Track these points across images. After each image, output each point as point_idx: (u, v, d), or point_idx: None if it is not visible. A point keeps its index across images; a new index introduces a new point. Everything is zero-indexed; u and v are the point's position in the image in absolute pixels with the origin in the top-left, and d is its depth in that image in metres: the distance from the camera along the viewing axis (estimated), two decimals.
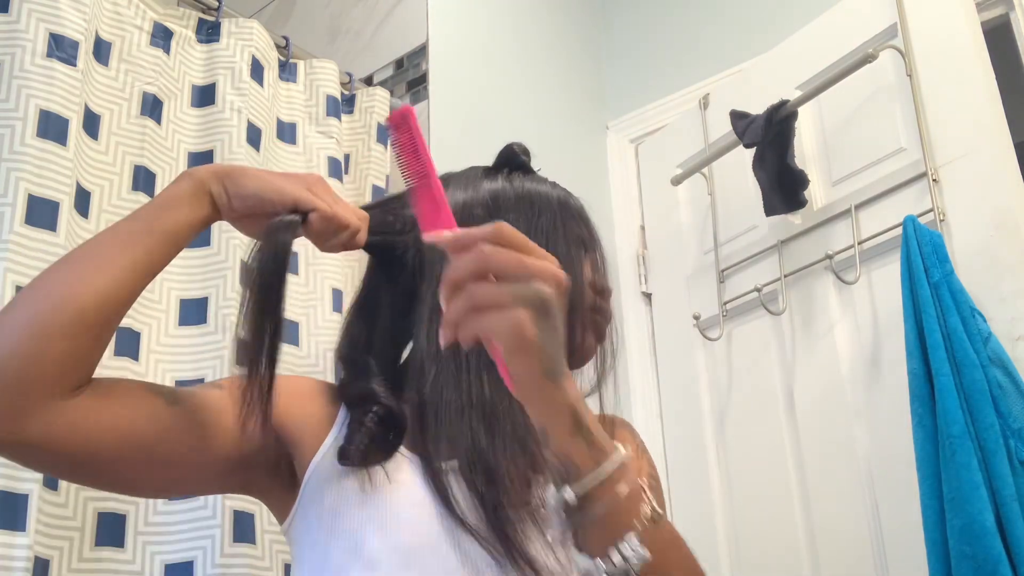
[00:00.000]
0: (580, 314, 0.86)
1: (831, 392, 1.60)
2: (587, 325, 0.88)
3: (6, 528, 0.99)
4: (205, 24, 1.52)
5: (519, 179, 0.91)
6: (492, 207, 0.87)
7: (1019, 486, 1.22)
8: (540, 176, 0.95)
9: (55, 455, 0.71)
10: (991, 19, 1.65)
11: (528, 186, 0.91)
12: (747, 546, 1.69)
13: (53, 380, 0.69)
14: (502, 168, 0.93)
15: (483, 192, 0.89)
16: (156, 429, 0.74)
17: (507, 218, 0.84)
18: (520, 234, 0.63)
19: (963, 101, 1.47)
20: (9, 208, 1.12)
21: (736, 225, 1.85)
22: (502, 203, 0.88)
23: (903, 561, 1.42)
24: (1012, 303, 1.34)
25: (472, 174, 0.92)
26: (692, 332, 1.87)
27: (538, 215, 0.87)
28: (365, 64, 1.87)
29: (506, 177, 0.91)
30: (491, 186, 0.90)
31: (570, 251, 0.87)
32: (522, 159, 0.94)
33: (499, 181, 0.91)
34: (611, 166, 2.19)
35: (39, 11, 1.22)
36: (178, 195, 0.77)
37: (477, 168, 0.94)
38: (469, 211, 0.86)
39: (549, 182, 0.94)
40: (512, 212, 0.87)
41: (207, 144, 1.42)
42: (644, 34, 2.28)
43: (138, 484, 0.80)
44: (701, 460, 1.81)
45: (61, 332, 0.69)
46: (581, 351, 0.88)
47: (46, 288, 0.71)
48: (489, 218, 0.84)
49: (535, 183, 0.92)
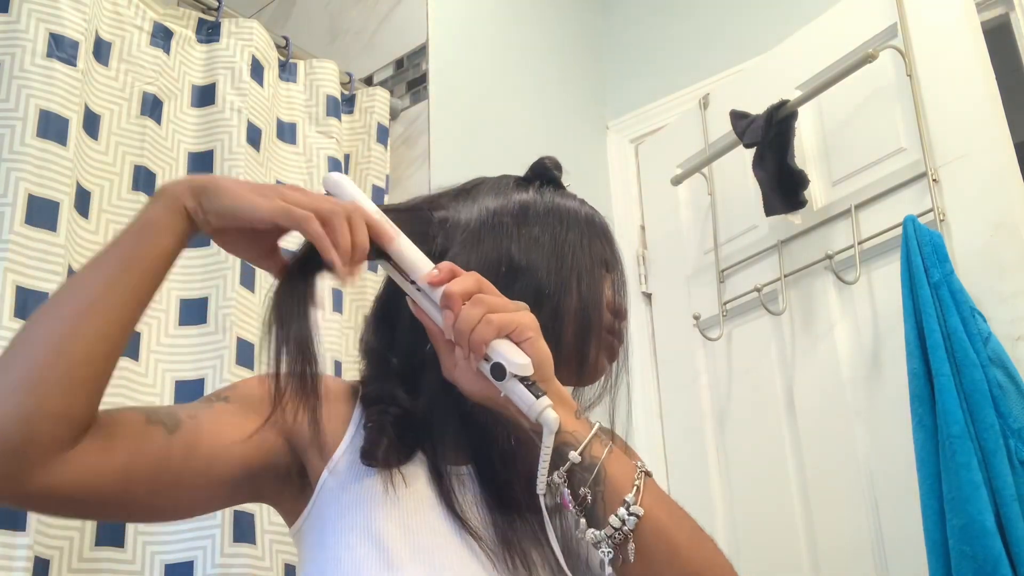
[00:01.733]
0: (596, 332, 0.87)
1: (831, 392, 1.60)
2: (601, 345, 0.88)
3: (6, 528, 0.99)
4: (205, 24, 1.52)
5: (549, 193, 0.92)
6: (520, 218, 0.88)
7: (1019, 486, 1.22)
8: (570, 192, 0.96)
9: (60, 503, 0.71)
10: (991, 19, 1.65)
11: (557, 201, 0.91)
12: (747, 546, 1.69)
13: (51, 438, 0.67)
14: (533, 181, 0.94)
15: (513, 202, 0.89)
16: (159, 464, 0.73)
17: (533, 231, 0.87)
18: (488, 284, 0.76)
19: (963, 101, 1.47)
20: (9, 208, 1.12)
21: (736, 225, 1.85)
22: (531, 215, 0.88)
23: (903, 561, 1.42)
24: (1012, 303, 1.34)
25: (504, 183, 0.93)
26: (692, 332, 1.87)
27: (565, 230, 0.88)
28: (365, 64, 1.87)
29: (537, 189, 0.92)
30: (521, 197, 0.90)
31: (593, 269, 0.88)
32: (554, 173, 0.95)
33: (530, 193, 0.91)
34: (611, 166, 2.19)
35: (39, 11, 1.22)
36: (155, 219, 0.73)
37: (509, 177, 0.95)
38: (499, 219, 0.87)
39: (578, 199, 0.95)
40: (539, 225, 0.87)
41: (207, 144, 1.42)
42: (644, 34, 2.28)
43: (150, 514, 0.81)
44: (701, 460, 1.81)
45: (57, 389, 0.67)
46: (593, 370, 0.89)
47: (34, 343, 0.69)
48: (516, 228, 0.86)
49: (564, 198, 0.92)
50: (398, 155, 1.75)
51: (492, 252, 0.85)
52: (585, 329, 0.85)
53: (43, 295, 1.11)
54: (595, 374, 0.90)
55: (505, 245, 0.85)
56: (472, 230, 0.86)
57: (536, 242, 0.86)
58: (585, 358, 0.86)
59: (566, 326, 0.84)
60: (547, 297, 0.83)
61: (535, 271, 0.84)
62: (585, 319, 0.85)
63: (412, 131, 1.75)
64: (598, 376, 0.90)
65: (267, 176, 1.50)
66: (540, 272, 0.84)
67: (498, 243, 0.85)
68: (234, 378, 1.29)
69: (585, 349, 0.86)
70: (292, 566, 1.31)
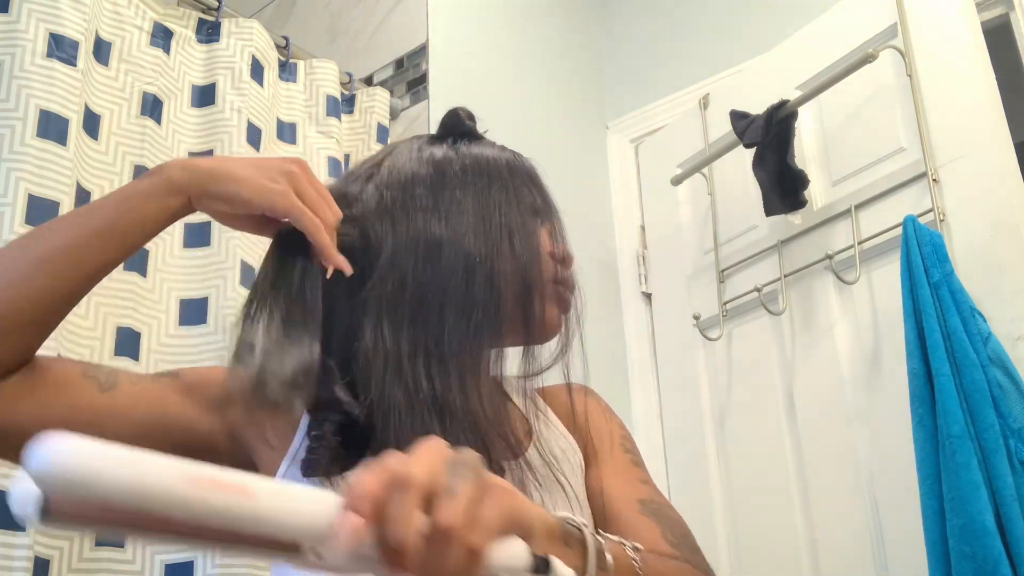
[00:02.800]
0: (538, 288, 0.81)
1: (831, 392, 1.60)
2: (548, 298, 0.83)
3: (6, 528, 0.99)
4: (205, 24, 1.52)
5: (465, 146, 0.85)
6: (436, 183, 0.81)
7: (1019, 486, 1.22)
8: (488, 140, 0.89)
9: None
10: (991, 19, 1.65)
11: (475, 152, 0.84)
12: (747, 546, 1.69)
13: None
14: (447, 137, 0.87)
15: (427, 165, 0.83)
16: (81, 417, 0.71)
17: (454, 195, 0.80)
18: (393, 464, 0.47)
19: (963, 101, 1.47)
20: (9, 208, 1.12)
21: (736, 225, 1.85)
22: (448, 177, 0.81)
23: (903, 561, 1.42)
24: (1012, 303, 1.34)
25: (414, 146, 0.86)
26: (692, 332, 1.87)
27: (488, 186, 0.81)
28: (365, 64, 1.87)
29: (451, 146, 0.85)
30: (436, 157, 0.83)
31: (525, 221, 0.82)
32: (467, 124, 0.88)
33: (444, 149, 0.84)
34: (611, 166, 2.19)
35: (39, 11, 1.22)
36: (144, 190, 0.73)
37: (421, 137, 0.88)
38: (411, 190, 0.80)
39: (497, 146, 0.88)
40: (459, 187, 0.81)
41: (207, 144, 1.42)
42: (644, 34, 2.28)
43: None
44: (701, 460, 1.81)
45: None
46: (544, 326, 0.83)
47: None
48: (432, 196, 0.80)
49: (482, 148, 0.85)
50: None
51: (408, 231, 0.78)
52: (527, 287, 0.79)
53: None
54: (548, 330, 0.84)
55: (422, 220, 0.78)
56: (383, 214, 0.80)
57: (458, 206, 0.80)
58: (532, 317, 0.80)
59: (504, 290, 0.77)
60: (478, 264, 0.77)
61: (460, 239, 0.78)
62: (524, 277, 0.79)
63: (412, 131, 1.75)
64: (553, 331, 0.84)
65: None
66: (466, 239, 0.78)
67: (413, 219, 0.79)
68: None
69: (530, 308, 0.80)
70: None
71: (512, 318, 0.78)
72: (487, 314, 0.75)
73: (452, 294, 0.76)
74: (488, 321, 0.76)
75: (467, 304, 0.76)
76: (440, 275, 0.75)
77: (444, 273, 0.75)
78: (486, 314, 0.75)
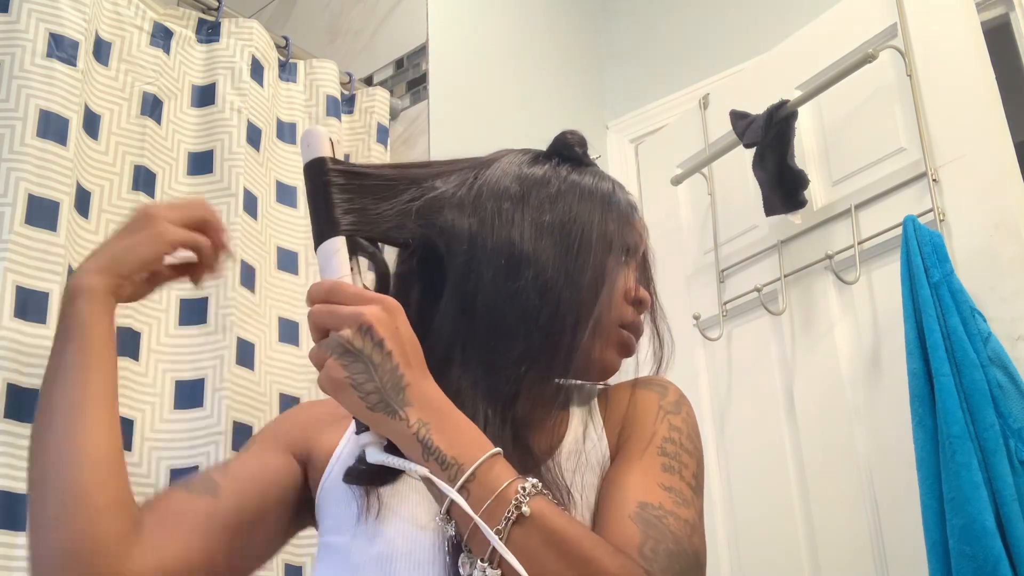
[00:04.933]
0: (601, 330, 0.82)
1: (831, 392, 1.60)
2: (609, 341, 0.83)
3: (6, 528, 0.99)
4: (205, 24, 1.52)
5: (567, 170, 0.84)
6: (529, 200, 0.81)
7: (1019, 486, 1.22)
8: (593, 169, 0.87)
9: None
10: (991, 19, 1.65)
11: (573, 179, 0.83)
12: (747, 546, 1.69)
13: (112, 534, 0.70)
14: (552, 157, 0.86)
15: (523, 182, 0.82)
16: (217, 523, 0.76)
17: (543, 217, 0.80)
18: (341, 286, 0.70)
19: (963, 101, 1.47)
20: (9, 208, 1.12)
21: (736, 225, 1.85)
22: (540, 199, 0.81)
23: (903, 561, 1.42)
24: (1012, 303, 1.34)
25: (519, 159, 0.86)
26: (692, 332, 1.87)
27: (576, 216, 0.81)
28: (365, 64, 1.87)
29: (554, 167, 0.84)
30: (535, 175, 0.83)
31: (604, 255, 0.81)
32: (575, 151, 0.87)
33: (545, 169, 0.84)
34: (611, 166, 2.19)
35: (39, 11, 1.22)
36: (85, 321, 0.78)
37: (529, 152, 0.88)
38: (498, 204, 0.80)
39: (599, 174, 0.87)
40: (549, 211, 0.80)
41: (207, 144, 1.42)
42: (644, 34, 2.28)
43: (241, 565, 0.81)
44: None
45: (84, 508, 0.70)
46: (599, 365, 0.84)
47: (43, 481, 0.73)
48: (519, 214, 0.80)
49: (582, 176, 0.84)
50: (398, 155, 1.75)
51: (491, 241, 0.78)
52: (592, 327, 0.80)
53: (43, 295, 1.11)
54: (603, 373, 0.85)
55: (506, 233, 0.79)
56: (472, 216, 0.80)
57: (544, 228, 0.80)
58: (589, 357, 0.82)
59: (568, 323, 0.77)
60: (548, 291, 0.77)
61: (539, 262, 0.78)
62: (590, 315, 0.79)
63: (412, 131, 1.75)
64: (608, 375, 0.86)
65: (267, 176, 1.50)
66: (543, 263, 0.78)
67: (498, 231, 0.79)
68: (235, 378, 1.29)
69: (587, 347, 0.80)
70: (292, 566, 1.31)
71: (568, 352, 0.78)
72: (547, 342, 0.76)
73: (520, 313, 0.77)
74: (545, 349, 0.77)
75: (530, 327, 0.77)
76: (514, 292, 0.76)
77: (518, 291, 0.76)
78: (546, 342, 0.76)
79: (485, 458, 0.66)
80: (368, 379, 0.67)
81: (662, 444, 0.81)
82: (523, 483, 0.65)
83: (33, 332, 1.09)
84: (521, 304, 0.77)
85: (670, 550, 0.69)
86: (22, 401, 1.05)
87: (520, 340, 0.76)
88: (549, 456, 0.80)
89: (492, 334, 0.77)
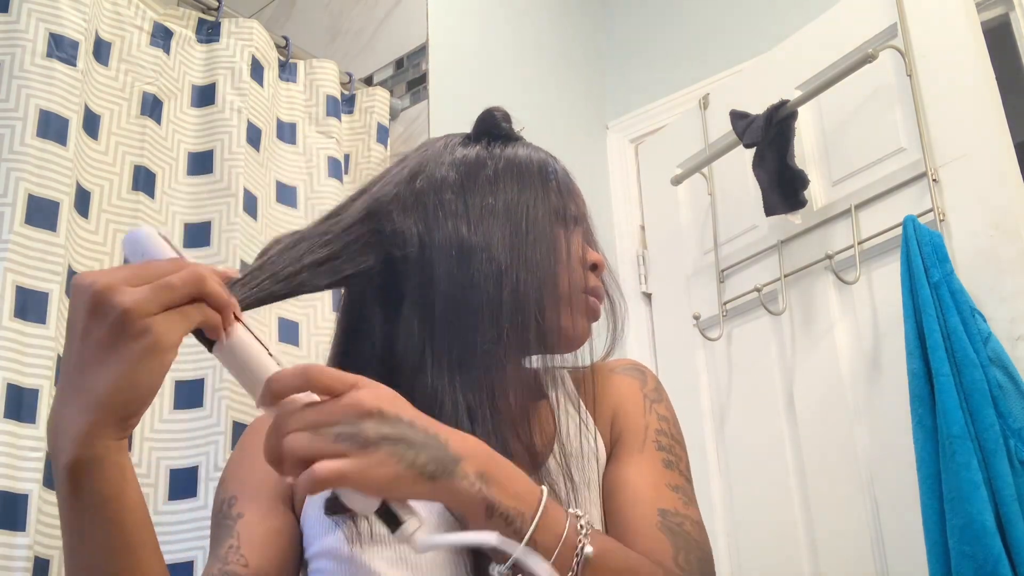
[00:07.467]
0: (565, 299, 0.81)
1: (831, 392, 1.60)
2: (575, 308, 0.82)
3: (6, 528, 0.99)
4: (205, 24, 1.52)
5: (499, 148, 0.84)
6: (468, 187, 0.80)
7: (1019, 486, 1.22)
8: (522, 141, 0.87)
9: None
10: (991, 19, 1.65)
11: (508, 155, 0.83)
12: (747, 546, 1.69)
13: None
14: (481, 137, 0.86)
15: (459, 168, 0.82)
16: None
17: (486, 200, 0.79)
18: (325, 372, 0.60)
19: (963, 101, 1.47)
20: (9, 208, 1.12)
21: (736, 225, 1.85)
22: (480, 182, 0.81)
23: (903, 561, 1.42)
24: (1012, 303, 1.34)
25: (448, 145, 0.85)
26: (692, 332, 1.87)
27: (519, 193, 0.81)
28: (365, 64, 1.87)
29: (485, 147, 0.84)
30: (468, 159, 0.83)
31: (554, 230, 0.81)
32: (503, 126, 0.86)
33: (477, 151, 0.84)
34: (611, 166, 2.19)
35: (39, 11, 1.22)
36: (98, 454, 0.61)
37: (454, 137, 0.87)
38: (442, 195, 0.80)
39: (531, 147, 0.86)
40: (490, 193, 0.80)
41: (207, 144, 1.42)
42: (644, 34, 2.28)
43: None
44: (701, 460, 1.80)
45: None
46: (571, 335, 0.83)
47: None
48: (464, 203, 0.79)
49: (515, 150, 0.84)
50: (398, 155, 1.75)
51: (440, 236, 0.78)
52: (554, 298, 0.80)
53: (43, 295, 1.11)
54: (574, 341, 0.84)
55: (452, 225, 0.78)
56: (416, 215, 0.79)
57: (489, 212, 0.79)
58: (558, 328, 0.81)
59: (531, 300, 0.77)
60: (506, 273, 0.76)
61: (490, 247, 0.77)
62: (551, 287, 0.79)
63: (412, 131, 1.75)
64: (579, 342, 0.85)
65: (267, 176, 1.50)
66: (495, 246, 0.77)
67: (444, 224, 0.78)
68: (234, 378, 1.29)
69: (556, 320, 0.80)
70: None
71: (538, 328, 0.78)
72: (514, 324, 0.75)
73: (481, 301, 0.76)
74: (515, 331, 0.76)
75: (495, 312, 0.76)
76: (470, 282, 0.76)
77: (474, 280, 0.76)
78: (513, 324, 0.75)
79: (544, 503, 0.64)
80: (416, 454, 0.59)
81: (656, 437, 0.83)
82: (576, 520, 0.65)
83: (33, 332, 1.09)
84: (480, 291, 0.76)
85: (699, 558, 0.73)
86: (22, 401, 1.05)
87: (488, 327, 0.75)
88: (548, 452, 0.80)
89: (458, 327, 0.76)
